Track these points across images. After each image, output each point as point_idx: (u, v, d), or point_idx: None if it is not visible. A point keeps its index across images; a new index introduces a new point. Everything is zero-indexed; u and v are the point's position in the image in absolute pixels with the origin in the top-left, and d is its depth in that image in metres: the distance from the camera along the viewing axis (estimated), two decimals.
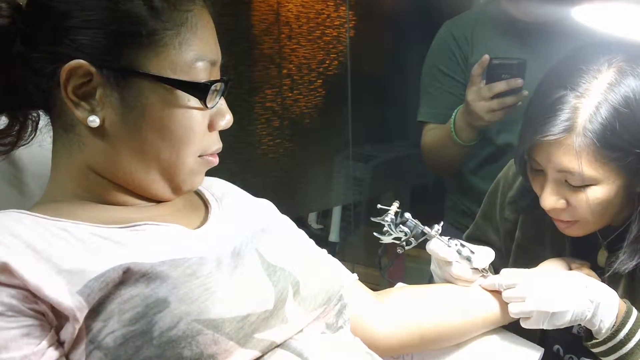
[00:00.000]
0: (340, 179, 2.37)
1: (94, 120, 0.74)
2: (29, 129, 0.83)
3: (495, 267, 1.22)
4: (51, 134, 0.82)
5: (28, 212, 0.74)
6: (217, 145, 0.82)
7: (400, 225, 0.98)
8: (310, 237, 0.97)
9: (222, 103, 0.81)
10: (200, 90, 0.76)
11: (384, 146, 2.48)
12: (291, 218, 0.97)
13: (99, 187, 0.79)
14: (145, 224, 0.76)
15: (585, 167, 0.96)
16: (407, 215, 0.99)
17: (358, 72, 2.29)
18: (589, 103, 0.96)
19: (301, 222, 0.88)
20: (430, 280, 1.15)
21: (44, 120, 0.83)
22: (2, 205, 0.76)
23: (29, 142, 0.84)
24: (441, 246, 0.99)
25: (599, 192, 0.99)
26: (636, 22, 1.00)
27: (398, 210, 0.99)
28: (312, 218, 2.71)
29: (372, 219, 1.00)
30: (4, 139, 0.81)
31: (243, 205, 0.91)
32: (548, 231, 1.17)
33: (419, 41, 1.79)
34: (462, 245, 1.01)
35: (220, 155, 0.84)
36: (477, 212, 1.32)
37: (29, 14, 0.75)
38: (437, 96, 1.60)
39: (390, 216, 0.98)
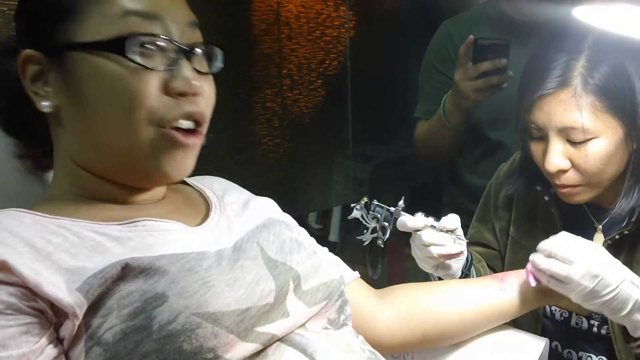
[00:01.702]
0: (340, 179, 2.37)
1: (47, 106, 0.75)
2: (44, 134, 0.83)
3: (493, 268, 1.23)
4: None
5: (27, 210, 0.74)
6: (180, 109, 0.74)
7: (371, 213, 1.03)
8: (310, 237, 0.97)
9: (184, 65, 0.74)
10: (118, 45, 0.71)
11: (384, 146, 2.48)
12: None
13: (86, 182, 0.79)
14: (144, 220, 0.76)
15: (586, 118, 0.99)
16: (374, 202, 1.03)
17: (358, 72, 2.29)
18: (582, 58, 1.01)
19: (301, 222, 0.88)
20: (426, 277, 1.16)
21: None
22: (1, 205, 0.76)
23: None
24: (407, 218, 1.02)
25: (601, 145, 1.02)
26: (636, 22, 1.00)
27: (367, 201, 1.03)
28: (312, 218, 2.71)
29: (349, 218, 1.04)
30: (31, 155, 0.83)
31: (244, 203, 0.91)
32: (540, 224, 1.19)
33: (419, 41, 1.80)
34: (427, 216, 1.03)
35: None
36: (472, 209, 1.34)
37: None
38: (432, 94, 1.63)
39: (360, 205, 1.03)
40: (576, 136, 1.01)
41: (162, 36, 0.73)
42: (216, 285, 0.70)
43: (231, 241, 0.79)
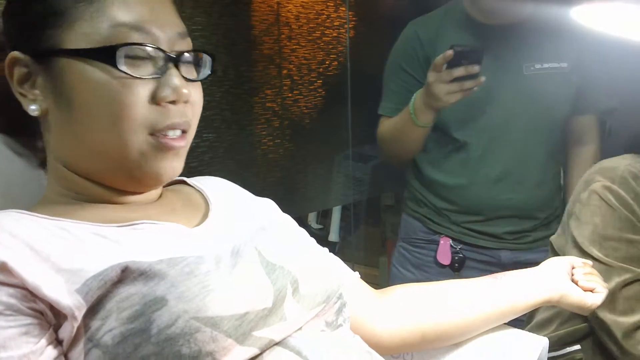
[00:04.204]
0: (340, 179, 2.37)
1: (35, 110, 0.75)
2: None
3: None
4: None
5: (27, 212, 0.74)
6: (169, 120, 0.75)
7: None
8: (310, 237, 0.97)
9: (172, 73, 0.75)
10: (107, 54, 0.71)
11: None
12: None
13: (76, 185, 0.79)
14: (143, 223, 0.76)
15: None
16: None
17: (358, 72, 2.30)
18: None
19: (301, 222, 0.88)
20: None
21: None
22: (1, 206, 0.76)
23: None
24: None
25: None
26: (636, 22, 1.01)
27: None
28: (312, 218, 2.71)
29: None
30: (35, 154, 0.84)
31: (243, 204, 0.91)
32: None
33: None
34: None
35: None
36: (436, 204, 1.35)
37: None
38: (397, 92, 1.67)
39: None
40: None
41: (149, 45, 0.74)
42: (215, 290, 0.70)
43: (230, 243, 0.79)
